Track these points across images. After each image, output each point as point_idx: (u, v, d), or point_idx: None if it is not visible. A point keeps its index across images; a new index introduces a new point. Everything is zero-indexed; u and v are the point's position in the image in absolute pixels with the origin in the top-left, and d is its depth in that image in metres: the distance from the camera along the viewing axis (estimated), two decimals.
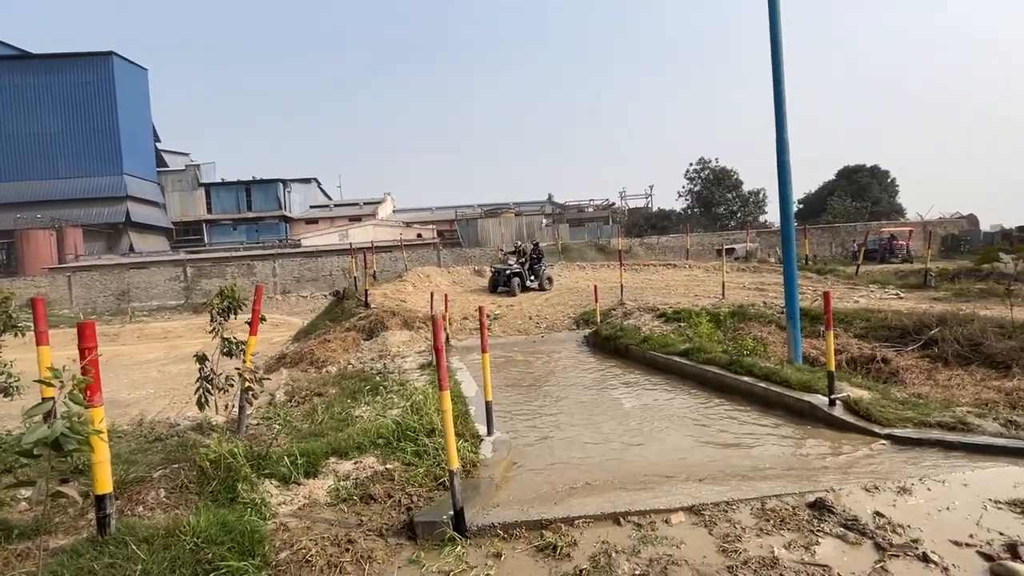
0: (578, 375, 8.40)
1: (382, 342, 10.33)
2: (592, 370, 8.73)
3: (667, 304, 12.09)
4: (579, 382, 7.95)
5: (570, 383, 7.90)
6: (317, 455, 4.35)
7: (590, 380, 8.06)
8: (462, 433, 4.96)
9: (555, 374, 8.67)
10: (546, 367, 9.31)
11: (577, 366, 9.12)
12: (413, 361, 8.82)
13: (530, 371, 9.05)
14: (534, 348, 11.16)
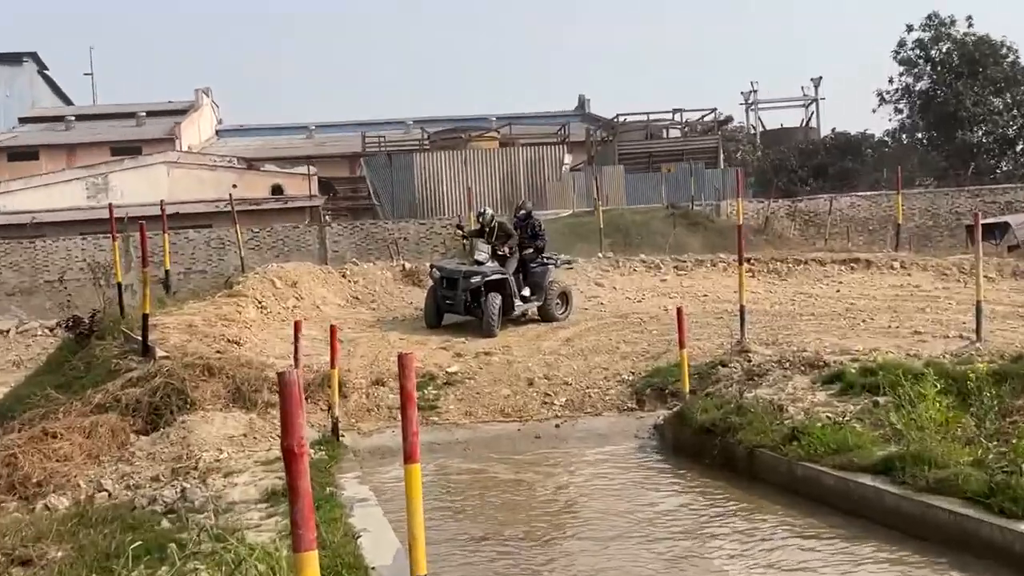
0: (639, 517, 8.39)
1: (181, 438, 10.33)
2: (670, 505, 8.77)
3: (845, 349, 12.16)
4: (641, 533, 7.93)
5: (620, 535, 7.89)
6: None
7: (666, 529, 8.04)
8: None
9: (585, 513, 8.64)
10: (565, 497, 9.29)
11: (637, 496, 9.13)
12: (251, 484, 8.78)
13: (529, 505, 9.05)
14: (539, 451, 11.31)
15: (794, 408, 10.02)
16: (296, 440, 3.49)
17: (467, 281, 16.10)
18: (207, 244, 35.41)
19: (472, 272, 16.16)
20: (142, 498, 8.49)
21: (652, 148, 44.63)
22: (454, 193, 40.29)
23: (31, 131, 56.89)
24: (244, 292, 17.62)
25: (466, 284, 16.11)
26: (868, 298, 18.81)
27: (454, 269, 16.53)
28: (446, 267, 16.83)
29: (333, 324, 12.10)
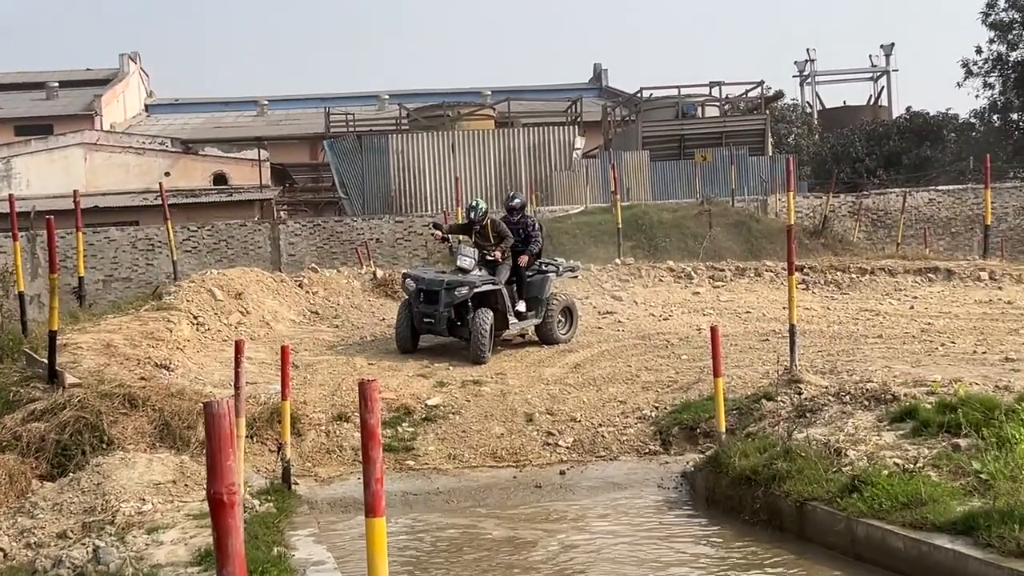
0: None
1: (95, 485, 10.28)
2: (701, 572, 8.74)
3: (919, 380, 12.11)
4: None
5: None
6: None
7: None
8: None
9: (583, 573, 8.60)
10: (571, 562, 9.26)
11: (659, 560, 9.09)
12: (180, 542, 8.76)
13: (526, 572, 9.02)
14: (540, 504, 11.28)
15: (855, 452, 9.96)
16: (225, 487, 3.48)
17: (450, 294, 15.90)
18: (132, 245, 35.51)
19: (456, 283, 15.94)
20: (45, 559, 8.46)
21: (684, 130, 44.73)
22: (439, 184, 40.38)
23: None
24: (176, 305, 17.64)
25: (449, 298, 15.92)
26: (949, 316, 18.81)
27: (433, 279, 16.27)
28: (423, 276, 16.54)
29: (285, 345, 12.05)
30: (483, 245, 16.68)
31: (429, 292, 16.09)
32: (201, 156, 46.22)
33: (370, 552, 5.07)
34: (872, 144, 51.85)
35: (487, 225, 16.92)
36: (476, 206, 17.14)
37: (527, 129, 42.55)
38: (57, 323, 12.78)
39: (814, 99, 66.27)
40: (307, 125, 55.06)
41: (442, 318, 16.01)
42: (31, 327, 14.77)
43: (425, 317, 16.18)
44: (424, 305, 16.13)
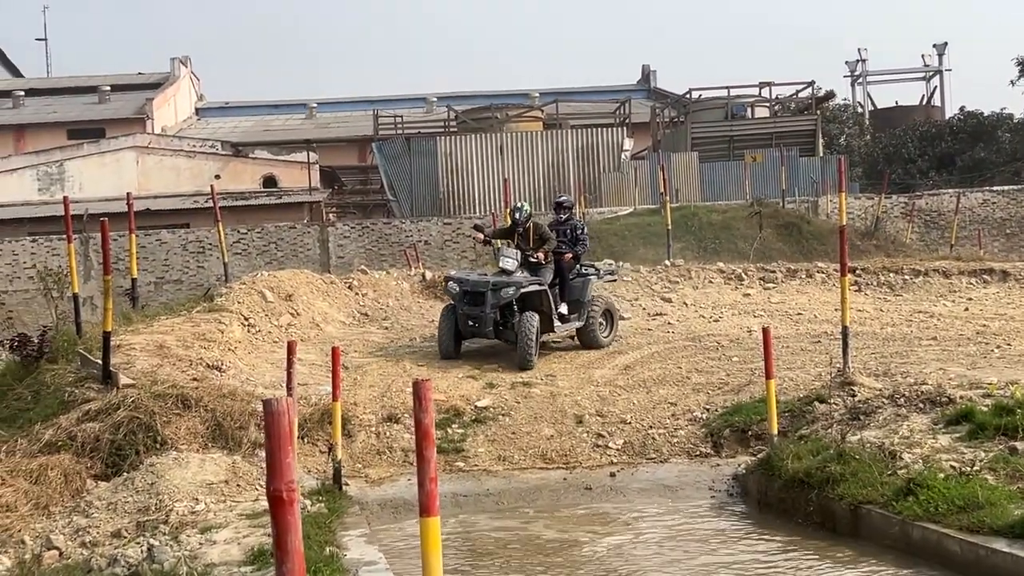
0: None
1: (149, 485, 10.37)
2: (746, 564, 8.70)
3: (975, 382, 12.01)
4: None
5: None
6: None
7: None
8: None
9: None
10: (623, 563, 9.24)
11: (711, 561, 9.07)
12: (233, 541, 8.82)
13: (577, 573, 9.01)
14: (591, 506, 11.28)
15: (910, 455, 9.90)
16: (285, 484, 3.50)
17: (497, 294, 15.70)
18: (183, 248, 35.80)
19: (502, 283, 15.78)
20: (100, 558, 8.54)
21: (733, 131, 44.54)
22: (487, 186, 40.43)
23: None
24: (227, 306, 17.75)
25: (495, 299, 15.71)
26: (1005, 318, 18.64)
27: (478, 280, 16.13)
28: (468, 278, 16.37)
29: (335, 346, 12.12)
30: (525, 248, 16.48)
31: (474, 294, 15.90)
32: (251, 159, 46.52)
33: (424, 551, 5.08)
34: (925, 144, 51.39)
35: (530, 228, 16.77)
36: (520, 208, 17.03)
37: (575, 130, 42.51)
38: (111, 324, 12.91)
39: (865, 99, 65.77)
40: (356, 127, 55.27)
41: (488, 319, 15.78)
42: (85, 328, 14.90)
43: (470, 319, 15.95)
44: (469, 307, 15.92)
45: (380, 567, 8.38)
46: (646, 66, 66.58)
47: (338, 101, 63.01)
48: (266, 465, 3.54)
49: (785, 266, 23.65)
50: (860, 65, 65.46)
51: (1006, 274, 22.69)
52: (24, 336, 14.75)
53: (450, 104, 49.38)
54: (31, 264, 32.88)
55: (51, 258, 32.65)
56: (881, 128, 58.70)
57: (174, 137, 50.12)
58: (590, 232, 30.74)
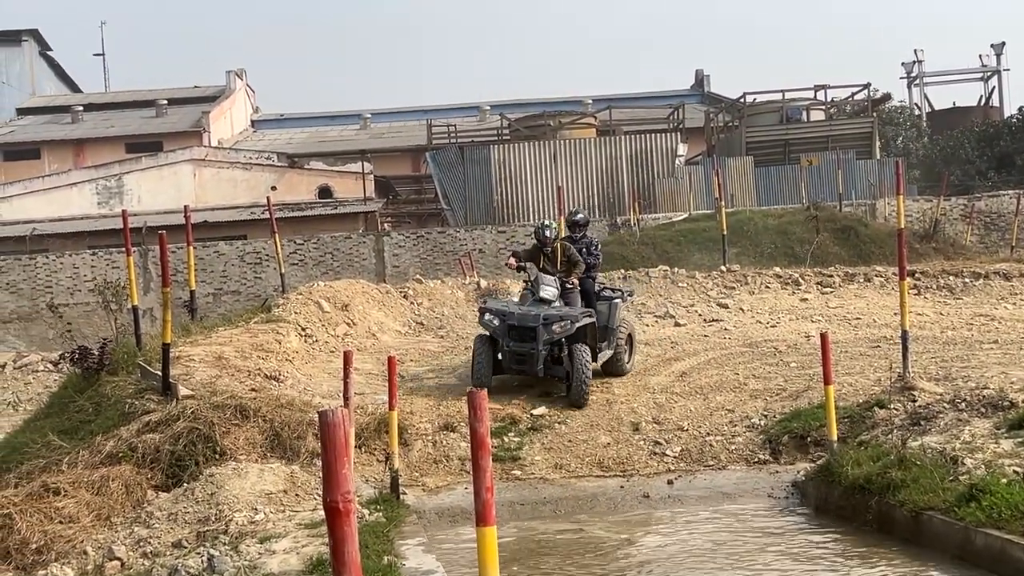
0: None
1: (209, 495, 10.47)
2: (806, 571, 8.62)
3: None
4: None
5: None
6: None
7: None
8: None
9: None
10: (681, 563, 9.20)
11: (770, 565, 9.00)
12: (292, 551, 8.87)
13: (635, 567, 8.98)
14: (646, 512, 11.27)
15: (972, 460, 9.80)
16: (341, 495, 3.52)
17: (550, 330, 14.28)
18: (240, 259, 36.12)
19: (554, 317, 14.38)
20: (161, 568, 8.63)
21: (789, 135, 44.20)
22: (541, 194, 40.41)
23: (31, 124, 58.65)
24: (285, 317, 17.90)
25: (549, 334, 14.29)
26: None
27: (525, 313, 14.50)
28: (510, 310, 14.72)
29: (392, 356, 12.17)
30: (551, 271, 15.34)
31: (522, 328, 14.39)
32: (306, 170, 46.84)
33: (481, 561, 5.09)
34: (983, 145, 50.77)
35: (557, 249, 15.65)
36: (548, 226, 15.98)
37: (629, 137, 42.39)
38: (170, 336, 13.05)
39: (922, 101, 65.19)
40: (409, 137, 55.46)
41: (539, 357, 14.30)
42: (144, 340, 15.06)
43: (518, 357, 14.45)
44: (517, 343, 14.41)
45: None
46: (699, 71, 66.29)
47: (391, 111, 63.30)
48: (322, 476, 3.57)
49: (843, 270, 23.46)
50: (916, 66, 64.85)
51: None
52: (85, 349, 14.92)
53: (503, 112, 49.40)
54: (91, 277, 33.29)
55: (111, 271, 33.06)
56: (938, 130, 58.08)
57: (230, 149, 50.58)
58: (645, 239, 31.06)
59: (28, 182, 46.48)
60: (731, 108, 48.84)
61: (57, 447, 11.92)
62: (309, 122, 63.25)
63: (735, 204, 35.26)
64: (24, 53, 62.22)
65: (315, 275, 32.16)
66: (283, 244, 27.79)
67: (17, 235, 40.92)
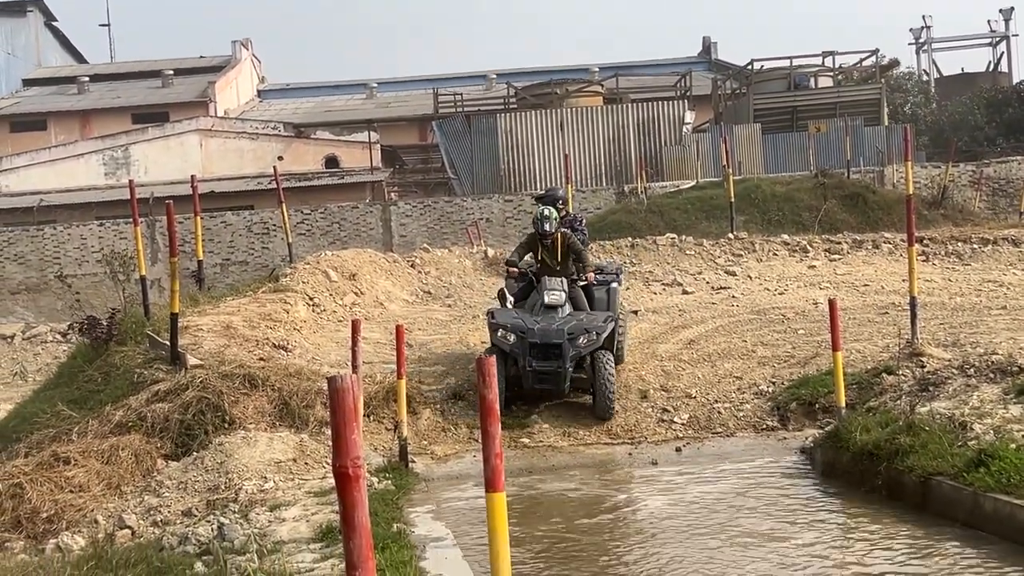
0: (784, 555, 8.29)
1: (218, 464, 10.51)
2: (822, 543, 8.68)
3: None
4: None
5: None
6: None
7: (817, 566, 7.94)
8: None
9: (713, 548, 8.57)
10: (687, 529, 9.22)
11: (776, 531, 9.05)
12: (302, 519, 8.90)
13: (643, 542, 9.06)
14: (653, 476, 11.30)
15: (981, 426, 9.78)
16: (351, 460, 3.52)
17: (575, 345, 12.82)
18: (248, 229, 36.11)
19: (579, 330, 12.89)
20: (171, 536, 8.67)
21: (796, 102, 44.00)
22: (548, 162, 40.31)
23: (37, 95, 58.54)
24: (292, 287, 17.91)
25: (576, 350, 12.84)
26: None
27: (548, 329, 12.84)
28: (527, 326, 12.93)
29: (400, 324, 12.19)
30: (552, 265, 13.92)
31: (546, 346, 12.82)
32: (313, 140, 46.80)
33: (491, 526, 5.09)
34: (992, 111, 50.49)
35: (557, 239, 14.04)
36: (548, 216, 14.06)
37: (636, 105, 42.23)
38: (178, 306, 13.07)
39: (931, 67, 64.74)
40: (416, 107, 55.32)
41: (566, 375, 12.86)
42: (153, 311, 15.09)
43: (542, 375, 12.88)
44: (541, 362, 12.82)
45: (447, 543, 8.44)
46: (707, 38, 65.93)
47: (398, 81, 63.10)
48: (332, 441, 3.56)
49: (851, 237, 23.43)
50: (925, 32, 64.43)
51: None
52: (93, 319, 14.95)
53: (509, 81, 49.22)
54: (99, 248, 33.38)
55: (118, 241, 33.14)
56: (947, 96, 57.76)
57: (237, 120, 50.52)
58: (653, 207, 30.98)
59: (35, 153, 46.49)
60: (738, 75, 48.58)
61: (66, 417, 11.98)
62: (315, 92, 63.10)
63: (742, 172, 35.13)
64: (29, 24, 62.01)
65: (322, 245, 32.17)
66: (290, 214, 27.79)
67: (24, 206, 40.98)
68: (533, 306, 13.51)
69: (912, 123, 46.11)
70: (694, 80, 46.24)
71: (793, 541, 8.76)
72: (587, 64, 58.91)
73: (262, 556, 7.88)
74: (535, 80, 49.74)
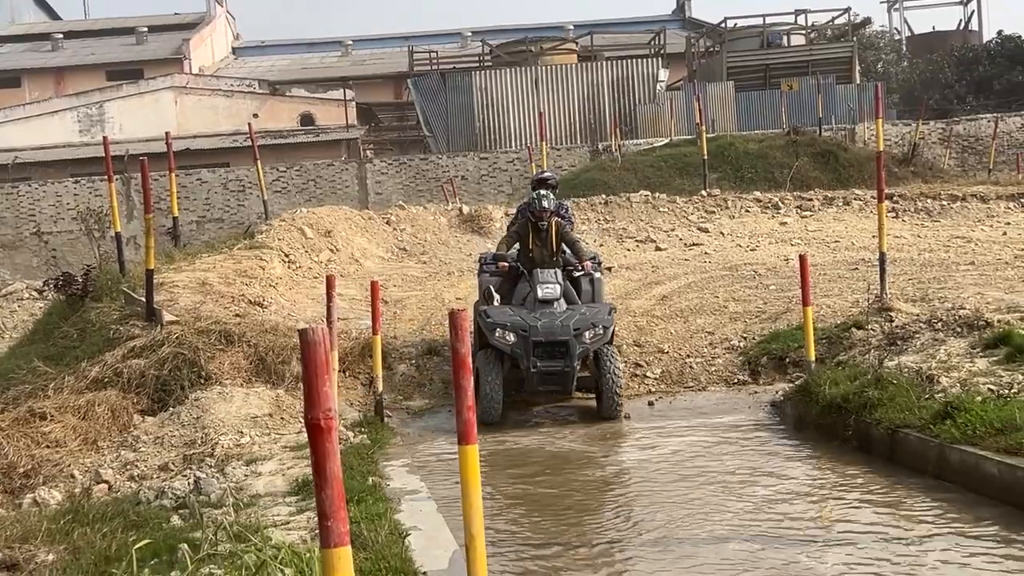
0: (750, 509, 8.35)
1: (194, 419, 10.50)
2: (790, 493, 8.75)
3: (1013, 306, 11.92)
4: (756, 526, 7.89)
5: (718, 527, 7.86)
6: None
7: (782, 515, 8.01)
8: None
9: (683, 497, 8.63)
10: (658, 479, 9.28)
11: (747, 482, 9.10)
12: (278, 473, 8.92)
13: (615, 493, 9.12)
14: (625, 429, 11.37)
15: (947, 379, 9.86)
16: (322, 412, 3.51)
17: (582, 342, 11.73)
18: (223, 186, 35.97)
19: (584, 324, 11.78)
20: (148, 491, 8.66)
21: (769, 60, 43.98)
22: (523, 120, 40.23)
23: (11, 52, 57.96)
24: (268, 243, 17.85)
25: (583, 348, 11.76)
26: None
27: (552, 326, 11.70)
28: (528, 323, 11.74)
29: (375, 281, 12.17)
30: (546, 253, 12.57)
31: (551, 344, 11.71)
32: (288, 97, 46.55)
33: (464, 479, 5.11)
34: (962, 70, 50.67)
35: (552, 226, 12.66)
36: (545, 195, 12.73)
37: (610, 63, 42.16)
38: (153, 262, 13.00)
39: (902, 25, 64.83)
40: (391, 64, 55.00)
41: (574, 374, 11.82)
42: (128, 267, 15.03)
43: (548, 375, 11.80)
44: (547, 362, 11.74)
45: (422, 495, 8.48)
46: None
47: (373, 38, 62.74)
48: (304, 394, 3.56)
49: (822, 194, 23.49)
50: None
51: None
52: (69, 275, 14.89)
53: (484, 39, 48.97)
54: (74, 205, 33.20)
55: (93, 199, 32.93)
56: (918, 54, 57.89)
57: (212, 77, 50.18)
58: (627, 165, 30.95)
59: (9, 110, 46.10)
60: (712, 33, 48.49)
61: (43, 373, 11.93)
62: (290, 49, 62.67)
63: (716, 129, 35.15)
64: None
65: (298, 202, 32.01)
66: (265, 172, 27.61)
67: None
68: (524, 301, 12.32)
69: (883, 81, 46.17)
70: (668, 38, 46.16)
71: (762, 492, 8.82)
72: (562, 22, 58.71)
73: (238, 509, 7.89)
74: (510, 38, 49.52)
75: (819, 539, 7.66)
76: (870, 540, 7.47)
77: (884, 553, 7.17)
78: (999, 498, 7.97)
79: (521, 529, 8.24)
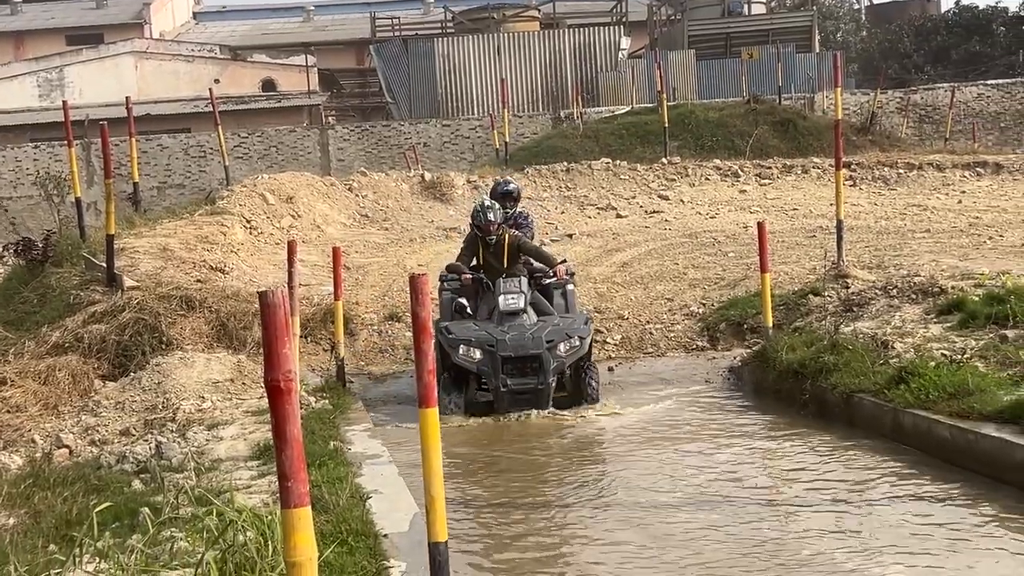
0: (704, 475, 8.42)
1: (156, 384, 10.47)
2: (748, 454, 8.83)
3: (967, 273, 12.04)
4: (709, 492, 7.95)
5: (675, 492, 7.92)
6: None
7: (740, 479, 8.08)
8: None
9: (635, 460, 8.70)
10: (619, 442, 9.34)
11: (706, 446, 9.18)
12: (239, 437, 8.91)
13: (572, 460, 9.15)
14: None
15: (902, 345, 9.97)
16: (282, 374, 3.51)
17: (557, 357, 10.77)
18: (184, 152, 35.66)
19: (557, 335, 10.83)
20: (109, 455, 8.64)
21: (730, 28, 44.00)
22: (485, 87, 40.08)
23: None
24: (229, 209, 17.76)
25: (559, 363, 10.82)
26: (997, 210, 18.64)
27: (522, 341, 10.72)
28: (495, 336, 10.79)
29: (336, 247, 12.13)
30: (499, 268, 11.52)
31: (522, 359, 10.76)
32: (249, 63, 46.17)
33: (424, 441, 5.14)
34: (920, 40, 50.88)
35: (504, 240, 11.59)
36: (491, 207, 11.66)
37: (573, 30, 42.06)
38: (114, 227, 12.92)
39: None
40: (353, 30, 54.66)
41: (549, 393, 10.80)
42: (89, 233, 14.91)
43: (520, 396, 10.78)
44: (518, 379, 10.77)
45: (383, 460, 8.49)
46: None
47: (335, 4, 62.20)
48: (263, 356, 3.56)
49: (781, 162, 23.59)
50: None
51: (999, 167, 22.63)
52: (28, 240, 14.77)
53: (447, 5, 48.71)
54: (34, 170, 32.78)
55: (53, 164, 32.57)
56: (877, 24, 58.05)
57: (172, 42, 49.67)
58: (588, 132, 30.92)
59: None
60: (674, 1, 48.46)
61: (3, 338, 11.88)
62: (252, 15, 62.14)
63: (677, 97, 35.11)
64: None
65: (260, 169, 31.82)
66: (227, 137, 27.44)
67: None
68: (490, 314, 11.27)
69: (843, 50, 46.25)
70: (630, 6, 46.01)
71: (720, 457, 8.90)
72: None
73: (200, 474, 7.88)
74: (472, 5, 49.22)
75: (779, 503, 7.75)
76: (829, 503, 7.56)
77: (843, 517, 7.26)
78: (951, 460, 8.08)
79: (483, 492, 8.30)
